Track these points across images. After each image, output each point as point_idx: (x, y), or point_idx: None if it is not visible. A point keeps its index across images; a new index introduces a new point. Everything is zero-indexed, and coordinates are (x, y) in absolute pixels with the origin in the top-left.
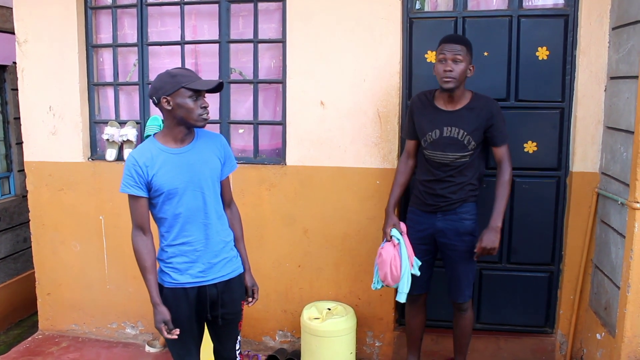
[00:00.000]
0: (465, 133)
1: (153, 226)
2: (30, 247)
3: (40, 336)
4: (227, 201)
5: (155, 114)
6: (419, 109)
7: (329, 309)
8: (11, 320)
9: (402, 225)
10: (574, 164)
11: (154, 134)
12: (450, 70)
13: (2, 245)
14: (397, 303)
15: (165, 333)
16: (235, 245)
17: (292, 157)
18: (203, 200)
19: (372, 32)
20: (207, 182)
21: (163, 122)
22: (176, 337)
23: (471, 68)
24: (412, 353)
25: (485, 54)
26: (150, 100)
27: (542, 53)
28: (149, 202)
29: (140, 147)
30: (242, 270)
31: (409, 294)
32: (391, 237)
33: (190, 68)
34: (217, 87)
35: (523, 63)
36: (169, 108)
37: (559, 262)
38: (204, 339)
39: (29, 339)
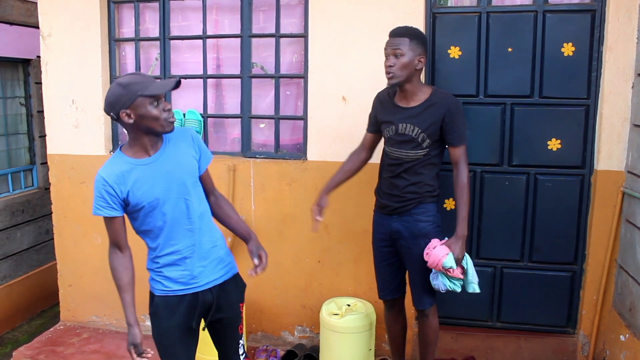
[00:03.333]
0: (420, 130)
1: (132, 242)
2: (53, 239)
3: (61, 327)
4: (209, 190)
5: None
6: (381, 104)
7: (349, 305)
8: (33, 310)
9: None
10: (599, 162)
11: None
12: (391, 65)
13: (25, 237)
14: None
15: (134, 355)
16: (233, 224)
17: (313, 152)
18: (186, 206)
19: (394, 27)
20: (187, 187)
21: (128, 134)
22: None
23: (421, 60)
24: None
25: (510, 49)
26: (109, 117)
27: (568, 49)
28: (130, 216)
29: (107, 165)
30: (237, 271)
31: (384, 299)
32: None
33: (210, 62)
34: (176, 85)
35: (548, 59)
36: (131, 121)
37: (582, 261)
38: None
39: (51, 329)
